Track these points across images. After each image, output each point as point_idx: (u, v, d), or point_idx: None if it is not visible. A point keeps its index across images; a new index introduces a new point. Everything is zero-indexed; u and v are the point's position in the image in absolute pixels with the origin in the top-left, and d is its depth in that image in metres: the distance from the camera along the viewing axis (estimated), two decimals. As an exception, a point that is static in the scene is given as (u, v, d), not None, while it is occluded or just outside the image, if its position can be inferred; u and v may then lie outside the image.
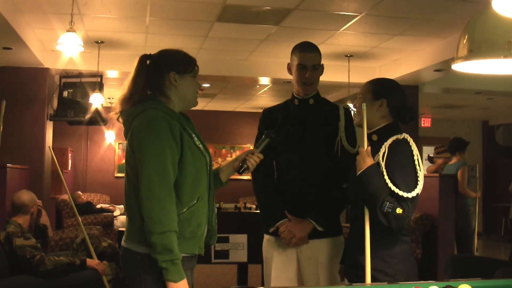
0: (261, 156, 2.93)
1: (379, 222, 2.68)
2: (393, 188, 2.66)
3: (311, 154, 3.37)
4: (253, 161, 2.90)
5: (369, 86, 2.96)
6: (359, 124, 2.94)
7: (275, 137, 3.04)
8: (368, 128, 2.87)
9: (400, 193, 2.65)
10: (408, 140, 2.80)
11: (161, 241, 2.46)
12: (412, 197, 2.68)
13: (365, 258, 2.73)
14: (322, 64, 3.45)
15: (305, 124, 3.42)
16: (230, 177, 3.00)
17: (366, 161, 2.74)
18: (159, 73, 2.71)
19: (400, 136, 2.81)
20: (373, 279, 2.69)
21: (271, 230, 3.39)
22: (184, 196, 2.60)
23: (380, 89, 2.93)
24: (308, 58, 3.38)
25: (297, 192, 3.39)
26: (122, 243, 2.70)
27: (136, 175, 2.57)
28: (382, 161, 2.74)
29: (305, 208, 3.34)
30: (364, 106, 2.81)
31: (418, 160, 2.75)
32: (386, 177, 2.69)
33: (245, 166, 2.89)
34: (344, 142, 3.31)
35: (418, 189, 2.70)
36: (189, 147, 2.64)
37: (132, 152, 2.61)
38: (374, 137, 2.88)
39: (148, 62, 2.74)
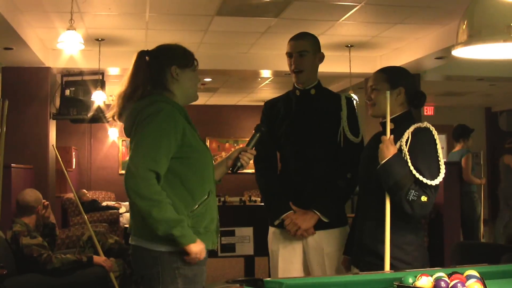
0: (254, 153, 2.94)
1: (402, 210, 2.69)
2: (418, 176, 2.66)
3: (314, 145, 3.35)
4: (246, 159, 2.90)
5: (383, 76, 2.94)
6: (377, 115, 2.94)
7: (266, 130, 3.05)
8: (383, 117, 2.88)
9: (425, 180, 2.65)
10: (431, 128, 2.79)
11: (161, 215, 2.46)
12: (436, 184, 2.69)
13: (378, 245, 2.76)
14: (318, 53, 3.42)
15: (307, 114, 3.40)
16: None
17: (390, 150, 2.73)
18: (160, 68, 2.70)
19: (422, 125, 2.81)
20: (392, 268, 2.69)
21: (276, 222, 3.38)
22: (195, 191, 2.60)
23: (397, 78, 2.92)
24: (292, 45, 3.39)
25: (301, 183, 3.37)
26: (134, 241, 2.67)
27: None
28: (406, 147, 2.74)
29: (310, 199, 3.33)
30: (388, 93, 2.80)
31: (439, 148, 2.75)
32: (410, 164, 2.69)
33: (239, 164, 2.88)
34: (347, 132, 3.30)
35: (441, 177, 2.69)
36: (196, 141, 2.64)
37: None
38: (391, 125, 2.87)
39: (147, 58, 2.74)
